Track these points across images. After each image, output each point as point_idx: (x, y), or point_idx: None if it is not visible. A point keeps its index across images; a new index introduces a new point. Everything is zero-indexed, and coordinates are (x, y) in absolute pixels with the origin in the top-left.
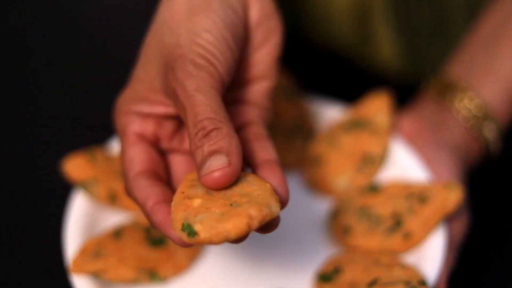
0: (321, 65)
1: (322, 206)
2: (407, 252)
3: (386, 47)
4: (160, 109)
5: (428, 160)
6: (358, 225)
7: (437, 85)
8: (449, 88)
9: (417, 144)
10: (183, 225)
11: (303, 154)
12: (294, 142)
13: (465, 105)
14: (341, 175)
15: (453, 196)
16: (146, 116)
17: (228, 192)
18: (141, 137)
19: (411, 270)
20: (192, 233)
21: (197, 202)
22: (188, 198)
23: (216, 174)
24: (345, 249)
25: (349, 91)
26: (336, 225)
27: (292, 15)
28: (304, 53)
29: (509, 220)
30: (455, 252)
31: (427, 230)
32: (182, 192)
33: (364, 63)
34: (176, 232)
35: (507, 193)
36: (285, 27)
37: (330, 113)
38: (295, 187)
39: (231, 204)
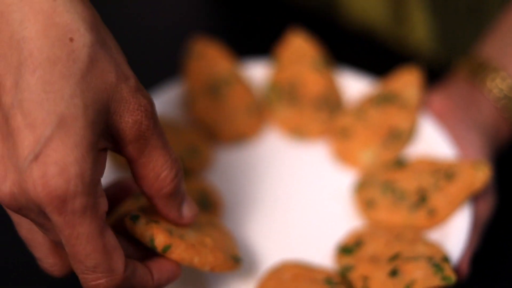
0: (354, 43)
1: (346, 178)
2: (431, 229)
3: (419, 28)
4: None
5: (456, 138)
6: (382, 199)
7: (468, 64)
8: (481, 67)
9: (447, 121)
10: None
11: (330, 126)
12: (321, 113)
13: (496, 85)
14: (367, 149)
15: (480, 174)
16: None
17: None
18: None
19: (434, 246)
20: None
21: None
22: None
23: None
24: (368, 222)
25: (380, 70)
26: (360, 198)
27: None
28: (337, 30)
29: None
30: (479, 233)
31: (452, 208)
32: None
33: (396, 43)
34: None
35: None
36: (321, 3)
37: (358, 86)
38: (320, 158)
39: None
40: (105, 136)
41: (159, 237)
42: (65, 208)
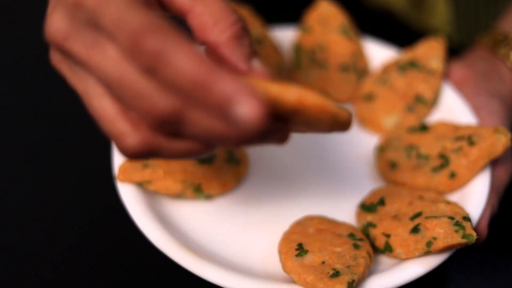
0: (374, 24)
1: (370, 142)
2: (451, 192)
3: (438, 14)
4: None
5: (478, 106)
6: (405, 162)
7: (491, 38)
8: (503, 41)
9: (468, 90)
10: None
11: (356, 91)
12: (348, 77)
13: None
14: (391, 114)
15: (502, 141)
16: None
17: None
18: None
19: (456, 206)
20: None
21: None
22: None
23: None
24: (390, 184)
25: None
26: (383, 160)
27: None
28: (358, 11)
29: None
30: (497, 197)
31: (473, 172)
32: None
33: (415, 27)
34: None
35: None
36: None
37: (385, 54)
38: None
39: None
40: None
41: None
42: None
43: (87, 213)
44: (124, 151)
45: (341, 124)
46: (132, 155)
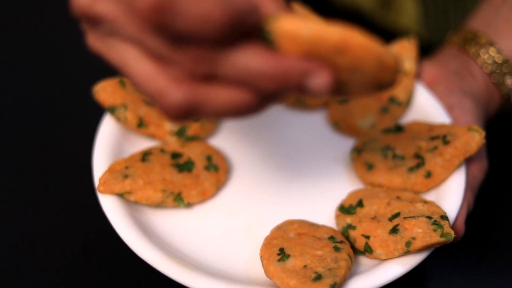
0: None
1: (346, 144)
2: (428, 191)
3: (407, 13)
4: None
5: (451, 105)
6: (381, 163)
7: (461, 36)
8: (474, 39)
9: (441, 89)
10: None
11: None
12: None
13: (489, 56)
14: (366, 116)
15: (476, 139)
16: None
17: None
18: None
19: (433, 205)
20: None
21: None
22: None
23: None
24: (367, 186)
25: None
26: (359, 162)
27: None
28: (327, 12)
29: None
30: (473, 194)
31: (449, 171)
32: None
33: (384, 27)
34: None
35: None
36: None
37: None
38: (321, 125)
39: None
40: None
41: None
42: None
43: (69, 223)
44: (168, 109)
45: (387, 70)
46: (178, 112)
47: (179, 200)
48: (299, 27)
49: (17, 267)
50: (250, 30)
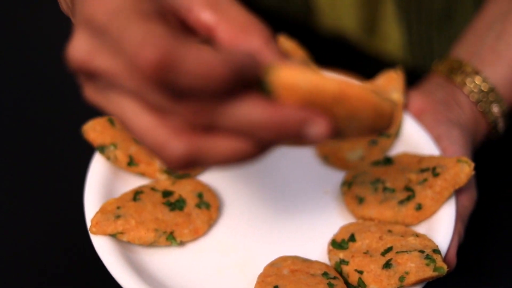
0: (328, 52)
1: (336, 178)
2: (419, 223)
3: (391, 39)
4: None
5: (439, 135)
6: (372, 196)
7: (446, 65)
8: (459, 68)
9: (429, 120)
10: None
11: None
12: None
13: (475, 84)
14: (355, 149)
15: (465, 170)
16: None
17: None
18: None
19: (425, 238)
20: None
21: None
22: None
23: None
24: (359, 219)
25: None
26: (350, 196)
27: (302, 1)
28: (312, 40)
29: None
30: (463, 225)
31: (439, 203)
32: None
33: (369, 53)
34: None
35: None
36: (295, 12)
37: None
38: (309, 159)
39: None
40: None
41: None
42: (103, 2)
43: (62, 263)
44: (170, 161)
45: (383, 118)
46: (179, 164)
47: (171, 239)
48: (298, 78)
49: None
50: (250, 82)
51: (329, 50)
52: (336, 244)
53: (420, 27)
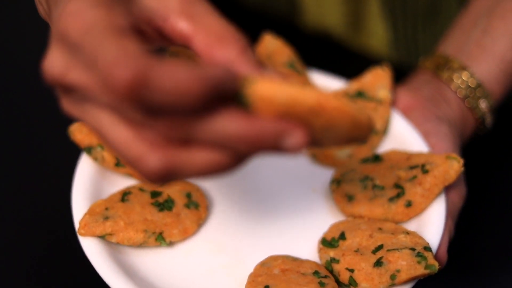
0: (314, 50)
1: (325, 175)
2: (409, 220)
3: (376, 35)
4: None
5: (428, 132)
6: (361, 194)
7: (433, 61)
8: (445, 65)
9: (417, 116)
10: None
11: None
12: None
13: (463, 80)
14: (342, 148)
15: (454, 167)
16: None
17: None
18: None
19: (415, 236)
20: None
21: None
22: None
23: None
24: (348, 217)
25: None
26: (339, 194)
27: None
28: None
29: (500, 190)
30: (453, 221)
31: (429, 200)
32: None
33: (354, 50)
34: None
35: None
36: (280, 10)
37: (332, 85)
38: (298, 158)
39: None
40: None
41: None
42: (78, 20)
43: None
44: (147, 174)
45: (360, 129)
46: (156, 177)
47: (161, 239)
48: (275, 91)
49: None
50: (226, 96)
51: (314, 48)
52: (326, 243)
53: (406, 23)
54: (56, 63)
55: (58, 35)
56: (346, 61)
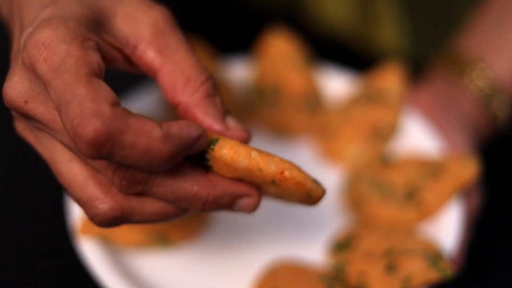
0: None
1: (332, 175)
2: (422, 223)
3: (387, 28)
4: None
5: (442, 132)
6: (373, 195)
7: (446, 58)
8: (458, 61)
9: (431, 117)
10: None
11: (313, 124)
12: (302, 111)
13: (473, 80)
14: (352, 145)
15: (469, 168)
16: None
17: None
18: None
19: (428, 240)
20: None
21: None
22: None
23: None
24: (359, 219)
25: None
26: (350, 195)
27: None
28: (305, 32)
29: None
30: (469, 225)
31: (442, 202)
32: None
33: (364, 44)
34: None
35: None
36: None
37: (339, 83)
38: (306, 156)
39: None
40: (111, 35)
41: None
42: (48, 51)
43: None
44: (95, 217)
45: (313, 200)
46: (104, 221)
47: (163, 240)
48: (237, 157)
49: None
50: (189, 156)
51: (322, 43)
52: (336, 245)
53: (419, 15)
54: (19, 89)
55: (26, 62)
56: (355, 56)
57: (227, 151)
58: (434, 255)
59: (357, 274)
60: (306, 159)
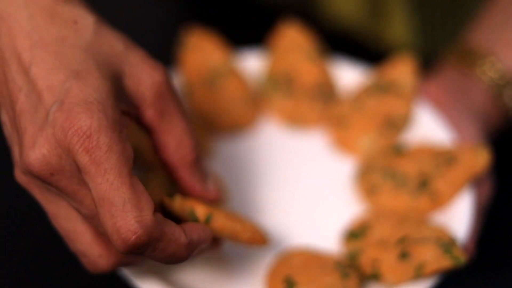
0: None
1: (345, 165)
2: (434, 212)
3: (397, 23)
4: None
5: (453, 123)
6: (384, 185)
7: (457, 51)
8: (470, 54)
9: (442, 107)
10: None
11: (326, 114)
12: (316, 102)
13: (485, 71)
14: (365, 135)
15: (481, 158)
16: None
17: None
18: None
19: (441, 228)
20: None
21: None
22: None
23: None
24: (370, 208)
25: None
26: (362, 184)
27: None
28: (316, 26)
29: None
30: (481, 214)
31: (454, 191)
32: None
33: (374, 38)
34: None
35: None
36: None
37: (352, 74)
38: (318, 146)
39: None
40: (123, 98)
41: (199, 208)
42: (91, 143)
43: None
44: (96, 271)
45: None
46: (103, 272)
47: None
48: (222, 226)
49: None
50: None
51: (333, 38)
52: (349, 234)
53: (429, 9)
54: (46, 161)
55: (60, 143)
56: (364, 49)
57: (215, 223)
58: (447, 243)
59: (371, 262)
60: (319, 149)
